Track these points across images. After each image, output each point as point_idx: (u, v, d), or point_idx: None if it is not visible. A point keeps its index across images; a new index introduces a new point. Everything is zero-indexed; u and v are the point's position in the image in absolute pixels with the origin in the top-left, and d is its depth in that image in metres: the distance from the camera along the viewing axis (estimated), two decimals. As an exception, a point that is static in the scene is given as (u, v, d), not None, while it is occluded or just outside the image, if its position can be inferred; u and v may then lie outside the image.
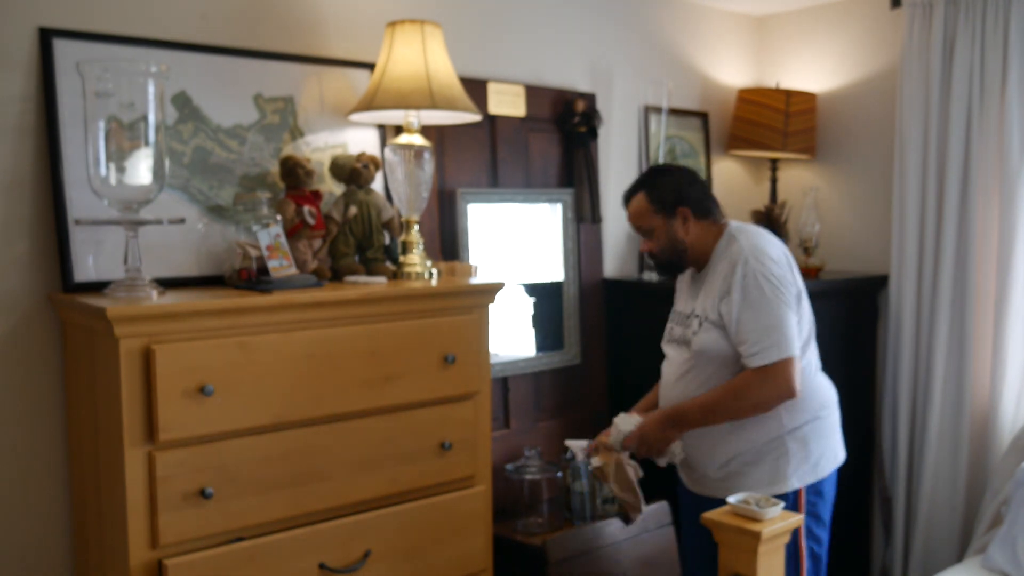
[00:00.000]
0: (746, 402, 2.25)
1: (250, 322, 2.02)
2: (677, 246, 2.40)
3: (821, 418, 2.38)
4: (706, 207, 2.41)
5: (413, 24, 2.43)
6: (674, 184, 2.41)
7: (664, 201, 2.39)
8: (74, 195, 2.15)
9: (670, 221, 2.39)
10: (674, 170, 2.47)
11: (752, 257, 2.27)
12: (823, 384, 2.44)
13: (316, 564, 2.12)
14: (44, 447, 2.23)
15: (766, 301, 2.23)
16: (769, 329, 2.22)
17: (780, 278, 2.27)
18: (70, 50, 2.17)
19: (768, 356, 2.21)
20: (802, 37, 3.84)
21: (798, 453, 2.33)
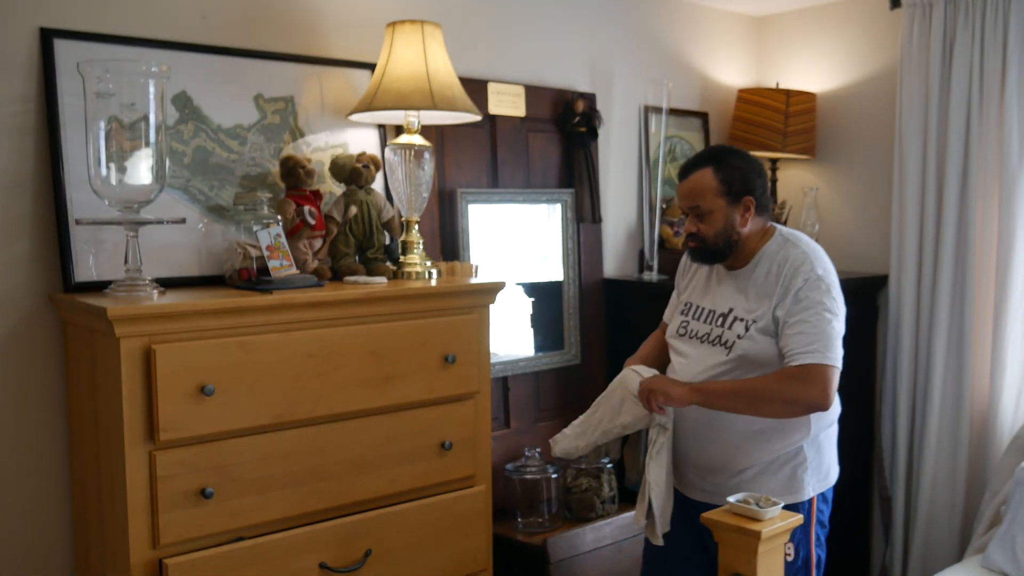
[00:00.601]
0: (779, 396, 2.10)
1: (250, 322, 2.02)
2: (731, 236, 2.22)
3: (832, 425, 2.33)
4: (766, 204, 2.28)
5: (413, 24, 2.44)
6: (746, 169, 2.24)
7: (733, 184, 2.21)
8: (75, 195, 2.15)
9: (732, 207, 2.21)
10: (746, 155, 2.31)
11: (819, 265, 2.18)
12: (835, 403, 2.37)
13: (316, 563, 2.12)
14: (45, 447, 2.23)
15: (824, 311, 2.13)
16: (821, 335, 2.11)
17: (839, 293, 2.20)
18: (71, 50, 2.17)
19: (814, 357, 2.10)
20: (802, 37, 3.85)
21: (814, 461, 2.26)
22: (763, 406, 2.12)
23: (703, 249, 2.26)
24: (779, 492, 2.20)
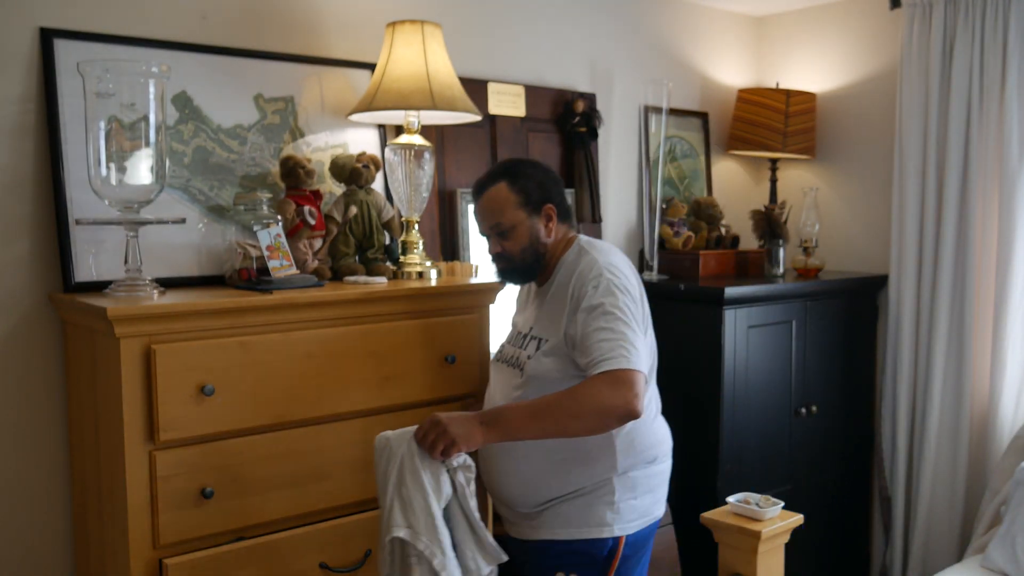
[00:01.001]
0: (587, 405, 1.85)
1: (250, 322, 2.02)
2: (538, 248, 2.12)
3: (654, 465, 2.12)
4: (567, 210, 2.17)
5: (413, 24, 2.44)
6: (541, 178, 2.14)
7: (530, 194, 2.10)
8: (75, 195, 2.15)
9: (534, 218, 2.11)
10: (539, 164, 2.20)
11: (608, 271, 2.01)
12: (662, 429, 2.17)
13: (317, 563, 2.12)
14: (45, 447, 2.23)
15: (619, 316, 1.93)
16: (620, 341, 1.90)
17: (634, 299, 2.01)
18: (71, 50, 2.17)
19: (618, 363, 1.87)
20: (802, 37, 3.85)
21: (623, 498, 2.05)
22: (571, 423, 1.87)
23: (512, 268, 2.15)
24: (577, 524, 2.03)
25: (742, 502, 2.56)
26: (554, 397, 1.89)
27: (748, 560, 2.50)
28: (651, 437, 2.10)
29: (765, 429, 3.19)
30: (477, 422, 1.87)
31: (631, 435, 2.05)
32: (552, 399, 1.89)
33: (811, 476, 3.38)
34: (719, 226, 3.55)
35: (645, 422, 2.06)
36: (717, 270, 3.42)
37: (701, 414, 3.07)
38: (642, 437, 2.07)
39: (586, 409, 1.86)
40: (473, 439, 1.86)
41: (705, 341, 3.05)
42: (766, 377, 3.17)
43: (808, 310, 3.31)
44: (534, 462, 2.04)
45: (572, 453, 2.02)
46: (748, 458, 3.13)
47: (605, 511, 2.04)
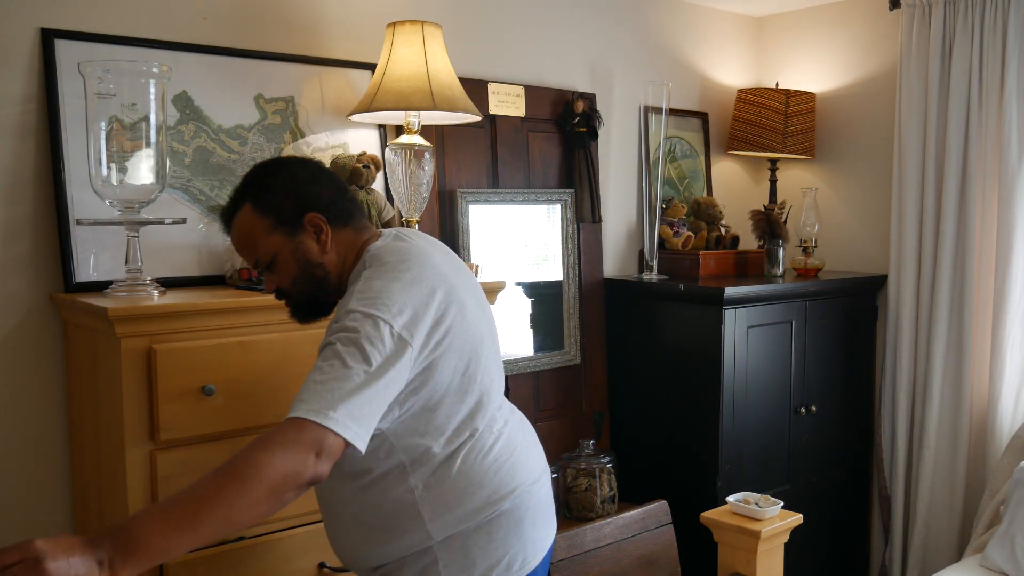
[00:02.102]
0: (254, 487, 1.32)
1: (251, 322, 2.03)
2: (315, 273, 1.68)
3: (495, 516, 1.64)
4: (346, 210, 1.71)
5: (413, 24, 2.44)
6: (292, 182, 1.68)
7: (282, 210, 1.66)
8: (76, 195, 2.16)
9: (297, 238, 1.67)
10: (289, 164, 1.73)
11: (361, 292, 1.52)
12: (511, 467, 1.66)
13: (317, 563, 2.12)
14: (46, 446, 2.23)
15: (346, 346, 1.45)
16: (325, 382, 1.41)
17: (383, 325, 1.47)
18: (71, 51, 2.17)
19: (313, 411, 1.38)
20: (801, 37, 3.85)
21: (454, 567, 1.62)
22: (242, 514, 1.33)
23: (296, 306, 1.74)
24: None
25: (742, 502, 2.57)
26: (204, 487, 1.32)
27: (748, 560, 2.51)
28: (477, 489, 1.61)
29: (765, 429, 3.19)
30: (95, 560, 1.23)
31: (442, 497, 1.60)
32: (202, 491, 1.32)
33: (811, 476, 3.39)
34: (719, 226, 3.55)
35: (461, 469, 1.60)
36: (717, 270, 3.42)
37: (701, 414, 3.08)
38: (460, 493, 1.60)
39: (255, 494, 1.32)
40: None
41: (705, 341, 3.05)
42: (766, 377, 3.17)
43: (808, 310, 3.32)
44: (349, 529, 1.68)
45: (375, 522, 1.63)
46: (748, 458, 3.13)
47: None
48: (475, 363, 1.64)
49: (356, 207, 1.76)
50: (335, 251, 1.70)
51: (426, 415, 1.59)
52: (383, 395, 1.46)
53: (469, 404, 1.64)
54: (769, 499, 2.58)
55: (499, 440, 1.67)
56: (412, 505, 1.60)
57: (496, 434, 1.67)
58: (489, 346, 1.70)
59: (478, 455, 1.64)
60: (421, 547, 1.62)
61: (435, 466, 1.61)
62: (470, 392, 1.63)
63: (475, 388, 1.64)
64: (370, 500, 1.63)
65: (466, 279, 1.71)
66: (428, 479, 1.60)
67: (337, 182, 1.76)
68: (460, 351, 1.60)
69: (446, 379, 1.59)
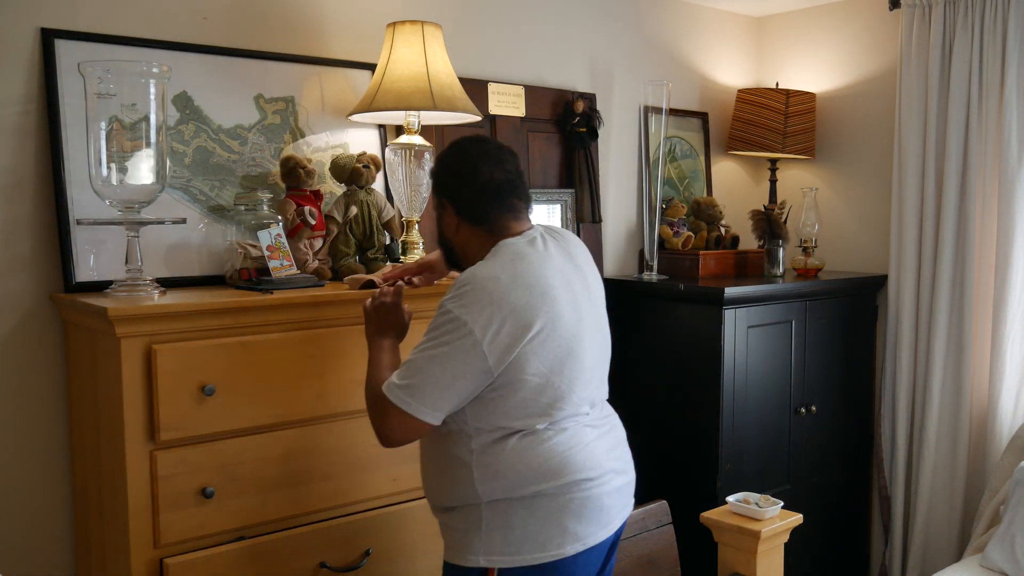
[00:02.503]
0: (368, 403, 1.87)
1: (251, 322, 2.03)
2: (447, 243, 1.98)
3: (540, 496, 1.81)
4: (480, 213, 1.89)
5: (413, 24, 2.44)
6: (447, 168, 1.94)
7: (435, 183, 1.96)
8: (76, 195, 2.16)
9: (440, 209, 1.96)
10: (460, 153, 1.94)
11: (458, 286, 1.79)
12: (564, 459, 1.82)
13: (317, 563, 2.12)
14: (46, 446, 2.23)
15: (434, 339, 1.77)
16: (414, 367, 1.77)
17: (466, 330, 1.73)
18: (72, 51, 2.18)
19: (393, 392, 1.77)
20: (801, 37, 3.85)
21: (493, 526, 1.82)
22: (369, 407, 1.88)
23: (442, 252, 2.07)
24: (452, 546, 1.87)
25: (742, 502, 2.57)
26: (372, 382, 1.87)
27: (748, 560, 2.51)
28: (525, 467, 1.80)
29: (765, 429, 3.20)
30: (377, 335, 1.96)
31: (492, 466, 1.80)
32: (371, 383, 1.87)
33: (811, 476, 3.39)
34: (719, 226, 3.55)
35: (519, 446, 1.80)
36: (717, 270, 3.42)
37: (701, 414, 3.08)
38: (509, 466, 1.80)
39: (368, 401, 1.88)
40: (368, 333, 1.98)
41: (705, 341, 3.05)
42: (766, 377, 3.17)
43: (808, 310, 3.32)
44: (427, 467, 1.94)
45: (442, 466, 1.88)
46: (748, 458, 3.14)
47: (472, 536, 1.83)
48: (557, 371, 1.81)
49: (499, 215, 1.89)
50: (463, 238, 1.93)
51: (499, 402, 1.79)
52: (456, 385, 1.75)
53: (542, 402, 1.81)
54: (769, 499, 2.58)
55: (562, 434, 1.84)
56: (468, 464, 1.82)
57: (561, 429, 1.84)
58: (582, 354, 1.86)
59: (534, 441, 1.81)
60: (472, 501, 1.83)
61: (494, 439, 1.81)
62: (544, 393, 1.81)
63: (550, 391, 1.81)
64: (440, 449, 1.87)
65: (574, 290, 1.87)
66: (485, 448, 1.81)
67: (484, 191, 1.88)
68: (542, 358, 1.79)
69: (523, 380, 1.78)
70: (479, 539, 1.82)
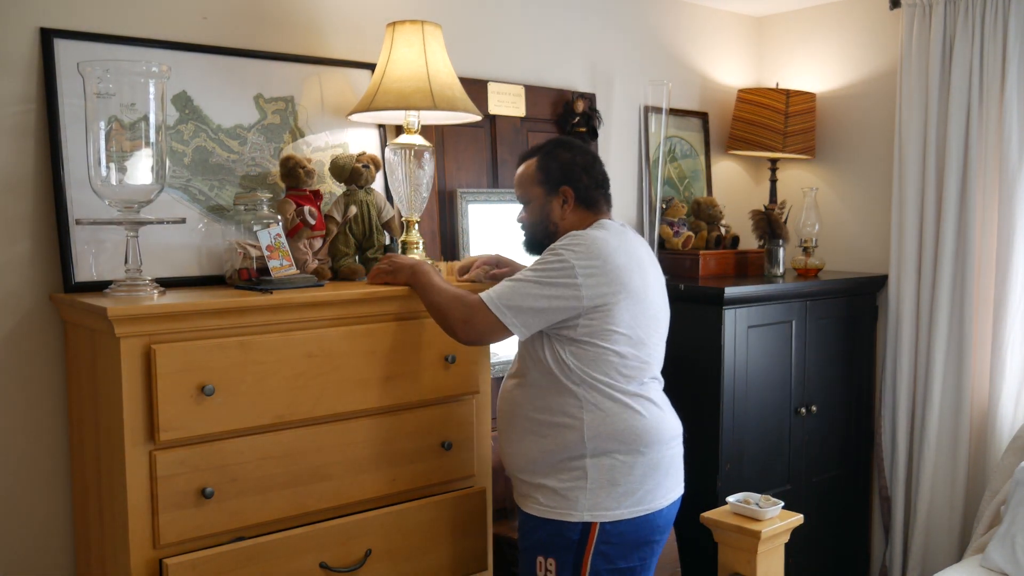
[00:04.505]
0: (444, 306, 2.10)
1: (250, 322, 2.02)
2: (548, 226, 2.23)
3: (639, 456, 2.09)
4: (592, 198, 2.22)
5: (413, 24, 2.44)
6: (569, 160, 2.22)
7: (551, 173, 2.22)
8: (75, 195, 2.15)
9: (549, 197, 2.22)
10: (578, 148, 2.27)
11: (571, 237, 2.09)
12: (657, 420, 2.13)
13: (317, 563, 2.12)
14: (45, 447, 2.23)
15: (529, 273, 2.06)
16: (505, 286, 2.05)
17: (568, 267, 2.02)
18: (71, 50, 2.17)
19: (489, 298, 2.05)
20: (802, 37, 3.85)
21: (597, 482, 2.07)
22: (435, 311, 2.13)
23: (526, 238, 2.31)
24: (552, 504, 2.09)
25: (742, 502, 2.57)
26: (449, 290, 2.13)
27: (748, 560, 2.51)
28: (632, 423, 2.08)
29: (765, 429, 3.19)
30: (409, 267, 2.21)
31: (603, 415, 2.06)
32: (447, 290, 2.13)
33: (811, 476, 3.39)
34: (719, 226, 3.55)
35: (620, 405, 2.07)
36: (717, 270, 3.42)
37: (701, 414, 3.08)
38: (617, 420, 2.07)
39: (443, 307, 2.10)
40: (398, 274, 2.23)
41: (705, 341, 3.05)
42: (766, 377, 3.17)
43: (808, 310, 3.32)
44: (518, 427, 2.15)
45: (545, 416, 2.10)
46: (748, 458, 3.13)
47: (578, 494, 2.07)
48: (648, 332, 2.11)
49: (604, 200, 2.25)
50: (569, 219, 2.21)
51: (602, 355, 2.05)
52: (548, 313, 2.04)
53: (640, 359, 2.09)
54: (769, 499, 2.57)
55: (656, 397, 2.15)
56: (579, 413, 2.07)
57: (655, 392, 2.16)
58: (662, 324, 2.19)
59: (635, 403, 2.09)
60: (574, 453, 2.07)
61: (602, 396, 2.06)
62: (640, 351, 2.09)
63: (644, 350, 2.10)
64: (549, 406, 2.09)
65: (656, 270, 2.21)
66: (595, 404, 2.06)
67: (601, 179, 2.25)
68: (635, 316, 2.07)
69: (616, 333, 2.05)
70: (585, 496, 2.06)
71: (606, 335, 2.05)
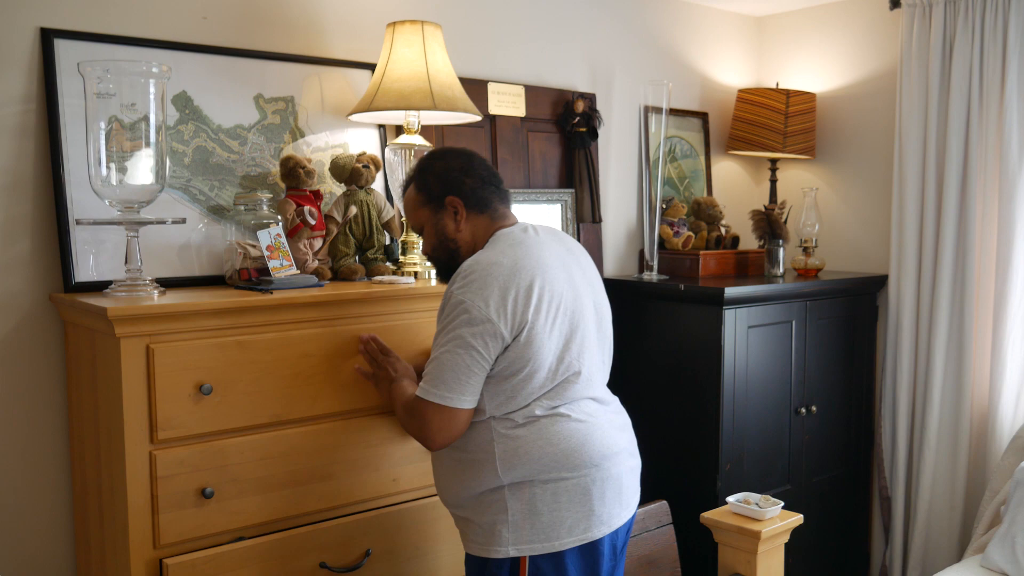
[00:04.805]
0: (402, 422, 2.00)
1: (250, 322, 2.03)
2: (448, 246, 2.02)
3: (560, 482, 1.88)
4: (483, 199, 2.01)
5: (413, 24, 2.44)
6: (443, 169, 2.02)
7: (431, 189, 2.02)
8: (75, 195, 2.16)
9: (439, 215, 2.02)
10: (449, 154, 2.08)
11: (464, 281, 1.87)
12: (582, 439, 1.90)
13: (317, 563, 2.12)
14: (46, 447, 2.23)
15: (448, 340, 1.85)
16: (433, 367, 1.87)
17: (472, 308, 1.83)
18: (71, 51, 2.17)
19: (422, 390, 1.88)
20: (802, 37, 3.85)
21: (519, 514, 1.88)
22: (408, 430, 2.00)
23: (435, 267, 2.13)
24: (479, 540, 1.92)
25: (742, 502, 2.57)
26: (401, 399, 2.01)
27: (748, 560, 2.51)
28: (547, 448, 1.87)
29: (765, 429, 3.19)
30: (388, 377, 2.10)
31: (515, 443, 1.87)
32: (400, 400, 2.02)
33: (811, 476, 3.39)
34: (719, 226, 3.55)
35: (534, 430, 1.87)
36: (717, 270, 3.42)
37: (701, 414, 3.08)
38: (531, 447, 1.87)
39: (402, 423, 2.00)
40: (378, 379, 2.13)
41: (705, 341, 3.05)
42: (766, 377, 3.17)
43: (808, 310, 3.32)
44: (442, 462, 2.01)
45: (459, 454, 1.94)
46: (748, 458, 3.13)
47: (500, 528, 1.88)
48: (567, 345, 1.90)
49: (498, 199, 2.04)
50: (466, 231, 2.02)
51: (521, 386, 1.87)
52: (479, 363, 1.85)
53: (559, 379, 1.89)
54: (769, 499, 2.57)
55: (580, 415, 1.91)
56: (491, 452, 1.88)
57: (579, 410, 1.92)
58: (586, 332, 1.95)
59: (553, 423, 1.88)
60: (491, 487, 1.88)
61: (516, 424, 1.88)
62: (560, 369, 1.90)
63: (564, 367, 1.90)
64: (461, 442, 1.93)
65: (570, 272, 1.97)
66: (508, 432, 1.88)
67: (486, 175, 2.04)
68: (554, 330, 1.88)
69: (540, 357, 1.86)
70: (507, 529, 1.88)
71: (517, 363, 1.86)
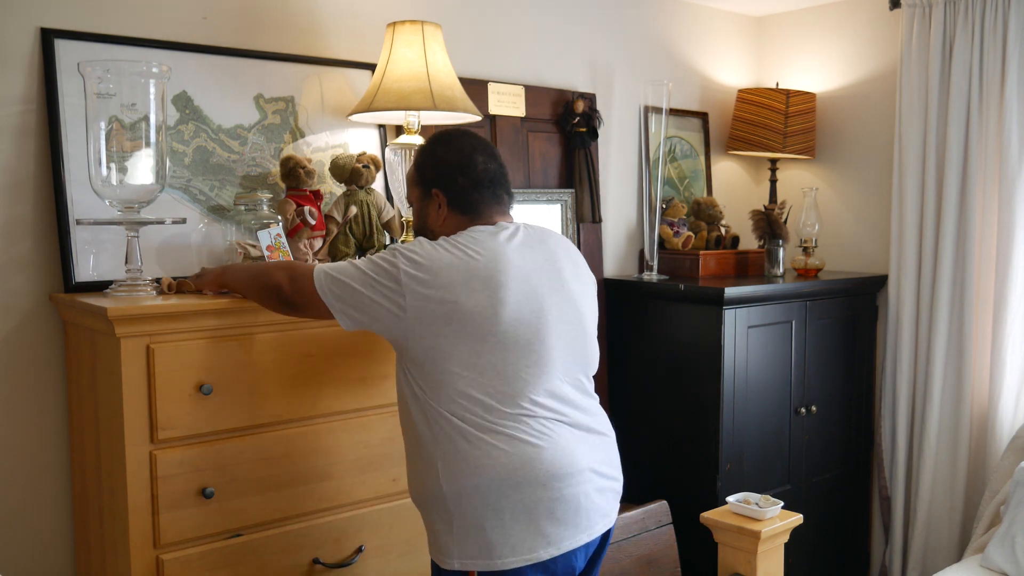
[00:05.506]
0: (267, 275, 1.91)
1: (250, 322, 2.03)
2: (427, 232, 1.95)
3: (507, 497, 1.74)
4: (470, 201, 1.90)
5: (413, 24, 2.44)
6: (441, 158, 1.93)
7: (424, 173, 1.95)
8: (75, 195, 2.16)
9: (425, 201, 1.95)
10: (454, 142, 1.95)
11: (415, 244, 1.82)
12: (528, 458, 1.74)
13: (310, 559, 2.12)
14: (46, 447, 2.23)
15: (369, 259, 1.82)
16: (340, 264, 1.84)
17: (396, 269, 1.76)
18: (72, 51, 2.18)
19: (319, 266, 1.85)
20: (802, 37, 3.85)
21: (466, 529, 1.75)
22: (256, 279, 1.93)
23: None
24: (434, 545, 1.84)
25: (742, 502, 2.57)
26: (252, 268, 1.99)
27: (748, 560, 2.51)
28: (489, 464, 1.73)
29: (765, 429, 3.19)
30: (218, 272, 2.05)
31: (455, 451, 1.75)
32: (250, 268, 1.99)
33: (811, 476, 3.39)
34: (719, 226, 3.55)
35: (475, 443, 1.74)
36: (717, 270, 3.42)
37: (701, 414, 3.08)
38: (471, 460, 1.74)
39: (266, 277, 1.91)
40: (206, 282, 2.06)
41: (705, 341, 3.05)
42: (766, 377, 3.17)
43: (808, 310, 3.32)
44: (407, 454, 1.91)
45: (416, 449, 1.85)
46: (748, 458, 3.13)
47: (447, 539, 1.79)
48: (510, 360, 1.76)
49: (491, 202, 1.92)
50: (446, 227, 1.92)
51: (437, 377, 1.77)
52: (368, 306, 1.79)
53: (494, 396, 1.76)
54: (769, 499, 2.57)
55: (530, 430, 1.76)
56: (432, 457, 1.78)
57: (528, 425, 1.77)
58: (544, 347, 1.80)
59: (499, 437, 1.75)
60: (436, 492, 1.78)
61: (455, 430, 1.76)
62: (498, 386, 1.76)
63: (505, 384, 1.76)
64: (410, 433, 1.86)
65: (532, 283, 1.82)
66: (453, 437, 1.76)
67: (483, 177, 1.91)
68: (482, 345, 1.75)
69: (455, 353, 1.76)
70: (453, 542, 1.77)
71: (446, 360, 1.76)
